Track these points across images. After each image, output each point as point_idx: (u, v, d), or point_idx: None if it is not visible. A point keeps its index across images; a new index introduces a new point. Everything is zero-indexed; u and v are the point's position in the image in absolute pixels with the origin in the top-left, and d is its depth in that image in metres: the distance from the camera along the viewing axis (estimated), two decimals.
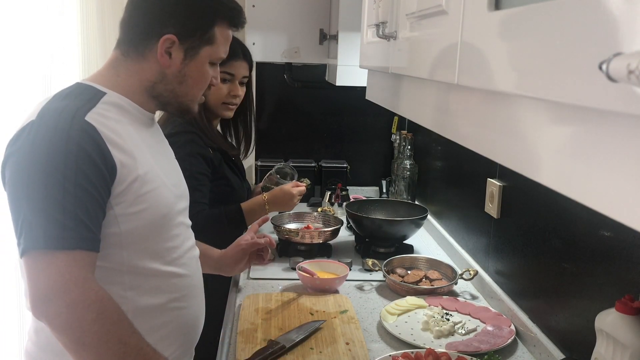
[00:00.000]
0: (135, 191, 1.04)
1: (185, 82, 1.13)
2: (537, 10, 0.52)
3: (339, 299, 1.61)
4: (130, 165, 1.03)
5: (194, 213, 1.70)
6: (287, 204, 1.92)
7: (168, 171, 1.19)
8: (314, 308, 1.53)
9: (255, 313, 1.49)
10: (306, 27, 2.62)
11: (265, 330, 1.40)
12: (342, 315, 1.50)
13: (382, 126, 2.79)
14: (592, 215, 1.14)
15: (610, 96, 0.40)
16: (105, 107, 1.05)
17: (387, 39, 1.22)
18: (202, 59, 1.13)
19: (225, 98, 1.83)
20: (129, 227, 1.04)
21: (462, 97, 0.80)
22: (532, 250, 1.43)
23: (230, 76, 1.82)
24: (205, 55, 1.13)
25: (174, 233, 1.15)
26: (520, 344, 1.40)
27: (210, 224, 1.73)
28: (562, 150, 0.51)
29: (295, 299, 1.59)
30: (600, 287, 1.13)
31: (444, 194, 2.25)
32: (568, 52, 0.46)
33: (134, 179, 1.03)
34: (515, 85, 0.57)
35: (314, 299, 1.59)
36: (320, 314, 1.51)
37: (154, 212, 1.08)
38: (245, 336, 1.37)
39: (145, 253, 1.09)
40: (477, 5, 0.68)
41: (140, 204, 1.05)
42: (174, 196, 1.16)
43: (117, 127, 1.04)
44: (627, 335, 0.89)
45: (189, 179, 1.74)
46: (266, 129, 2.78)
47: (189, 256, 1.21)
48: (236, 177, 1.90)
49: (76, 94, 1.06)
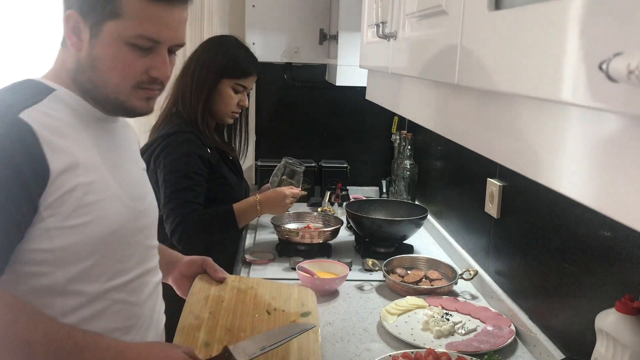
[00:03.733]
0: (75, 202, 0.91)
1: (97, 67, 0.96)
2: (537, 10, 0.52)
3: (304, 295, 1.34)
4: (69, 172, 0.90)
5: (186, 213, 1.71)
6: (279, 205, 1.90)
7: (129, 183, 1.04)
8: (272, 304, 1.26)
9: (204, 302, 1.22)
10: (306, 27, 2.62)
11: (210, 329, 1.14)
12: (303, 319, 1.24)
13: (382, 126, 2.79)
14: (592, 215, 1.14)
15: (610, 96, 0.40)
16: (54, 105, 0.94)
17: (387, 39, 1.22)
18: (108, 36, 0.93)
19: (234, 108, 1.85)
20: (64, 242, 0.91)
21: (462, 97, 0.80)
22: (532, 250, 1.43)
23: (242, 88, 1.85)
24: (112, 32, 0.93)
25: (124, 253, 1.01)
26: (520, 344, 1.40)
27: (201, 224, 1.73)
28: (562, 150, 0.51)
29: (253, 288, 1.31)
30: (600, 287, 1.13)
31: (444, 194, 2.25)
32: (568, 52, 0.46)
33: (72, 187, 0.90)
34: (515, 85, 0.57)
35: (275, 292, 1.32)
36: (278, 314, 1.24)
37: (99, 227, 0.94)
38: (185, 335, 1.12)
39: (84, 274, 0.94)
40: (477, 5, 0.68)
41: (80, 217, 0.92)
42: (130, 211, 1.01)
43: (63, 128, 0.93)
44: (627, 335, 0.89)
45: (184, 179, 1.75)
46: (266, 129, 2.78)
47: (142, 281, 1.05)
48: (234, 177, 1.91)
49: (20, 89, 0.95)
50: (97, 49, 0.94)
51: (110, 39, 0.93)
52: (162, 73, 0.98)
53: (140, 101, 1.00)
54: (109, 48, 0.94)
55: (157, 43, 0.96)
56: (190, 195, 1.73)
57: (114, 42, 0.93)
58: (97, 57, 0.95)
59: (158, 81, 0.99)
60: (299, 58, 2.67)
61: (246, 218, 1.85)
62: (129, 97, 0.98)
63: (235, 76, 1.82)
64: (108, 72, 0.95)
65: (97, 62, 0.95)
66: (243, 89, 1.86)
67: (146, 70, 0.97)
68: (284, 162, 2.07)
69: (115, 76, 0.96)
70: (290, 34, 2.64)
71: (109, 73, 0.95)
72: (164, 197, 1.72)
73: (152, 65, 0.97)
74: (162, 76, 0.99)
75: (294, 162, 2.07)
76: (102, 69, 0.95)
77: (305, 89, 2.76)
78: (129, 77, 0.96)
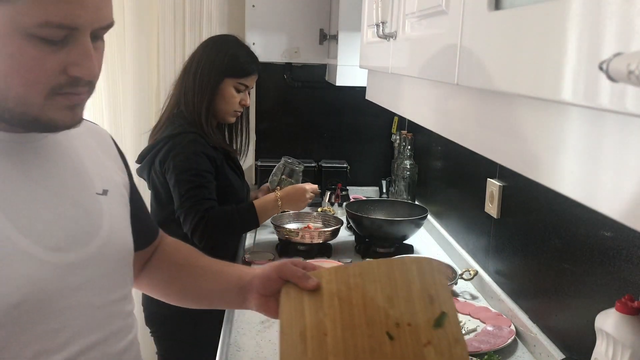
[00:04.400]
0: None
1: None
2: (538, 10, 0.52)
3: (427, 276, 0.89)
4: None
5: (206, 209, 1.72)
6: (300, 200, 1.93)
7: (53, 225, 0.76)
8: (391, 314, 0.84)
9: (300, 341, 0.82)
10: (306, 27, 2.62)
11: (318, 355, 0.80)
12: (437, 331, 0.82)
13: (382, 126, 2.79)
14: (592, 215, 1.14)
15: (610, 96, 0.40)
16: None
17: (387, 39, 1.22)
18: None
19: (236, 107, 1.86)
20: None
21: (462, 97, 0.80)
22: (532, 250, 1.43)
23: (244, 87, 1.86)
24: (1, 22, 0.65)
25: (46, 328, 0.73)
26: (520, 344, 1.40)
27: (223, 221, 1.74)
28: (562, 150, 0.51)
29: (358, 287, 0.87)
30: (600, 287, 1.13)
31: (444, 194, 2.25)
32: (568, 52, 0.46)
33: None
34: (515, 85, 0.57)
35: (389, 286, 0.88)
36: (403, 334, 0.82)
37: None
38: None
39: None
40: (477, 5, 0.68)
41: None
42: (48, 269, 0.73)
43: None
44: (627, 335, 0.89)
45: (196, 177, 1.75)
46: (266, 129, 2.78)
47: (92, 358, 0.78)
48: (237, 177, 1.91)
49: None
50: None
51: (2, 31, 0.66)
52: (86, 70, 0.71)
53: (60, 111, 0.72)
54: (2, 44, 0.66)
55: (73, 30, 0.68)
56: (205, 192, 1.73)
57: (7, 35, 0.66)
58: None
59: (83, 81, 0.71)
60: (299, 58, 2.67)
61: (267, 214, 1.87)
62: (42, 109, 0.70)
63: (237, 75, 1.83)
64: (6, 78, 0.68)
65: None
66: (245, 88, 1.87)
67: (63, 68, 0.69)
68: (283, 161, 2.08)
69: (18, 83, 0.68)
70: (290, 34, 2.64)
71: (8, 79, 0.68)
72: (179, 197, 1.72)
73: (71, 60, 0.70)
74: (88, 73, 0.71)
75: (293, 161, 2.08)
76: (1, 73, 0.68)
77: (305, 89, 2.75)
78: (38, 82, 0.68)
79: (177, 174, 1.72)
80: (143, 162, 1.85)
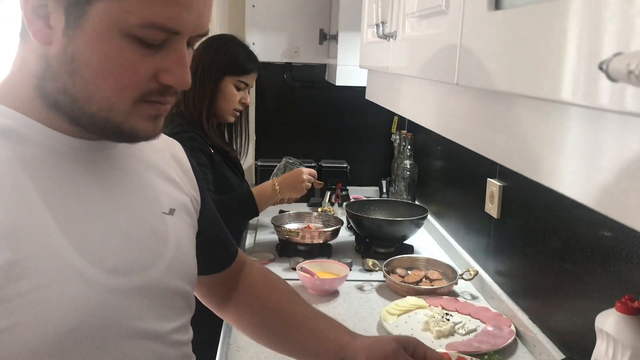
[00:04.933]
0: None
1: (77, 71, 0.62)
2: (538, 10, 0.52)
3: None
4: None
5: None
6: (297, 184, 1.90)
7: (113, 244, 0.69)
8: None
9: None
10: (306, 27, 2.62)
11: None
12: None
13: (382, 126, 2.79)
14: (592, 215, 1.14)
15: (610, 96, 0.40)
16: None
17: (387, 39, 1.22)
18: (98, 24, 0.61)
19: (237, 105, 1.86)
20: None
21: (462, 97, 0.80)
22: (532, 250, 1.43)
23: (245, 85, 1.87)
24: (104, 18, 0.60)
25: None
26: (520, 344, 1.40)
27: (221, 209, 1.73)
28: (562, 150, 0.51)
29: None
30: (600, 287, 1.13)
31: (444, 194, 2.25)
32: (568, 52, 0.46)
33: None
34: (515, 85, 0.57)
35: None
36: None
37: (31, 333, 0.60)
38: None
39: None
40: (477, 5, 0.68)
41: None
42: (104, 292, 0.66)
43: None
44: (627, 336, 0.89)
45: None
46: (266, 129, 2.78)
47: None
48: (235, 177, 1.91)
49: None
50: (78, 43, 0.62)
51: (101, 28, 0.61)
52: (179, 78, 0.66)
53: (143, 121, 0.67)
54: (99, 42, 0.61)
55: (174, 34, 0.64)
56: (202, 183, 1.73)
57: (107, 33, 0.61)
58: (79, 56, 0.62)
59: (172, 90, 0.67)
60: (299, 58, 2.67)
61: (265, 202, 1.85)
62: (127, 116, 0.65)
63: (237, 73, 1.84)
64: (96, 79, 0.63)
65: (79, 63, 0.62)
66: (245, 86, 1.87)
67: (154, 74, 0.65)
68: (284, 161, 2.08)
69: (108, 86, 0.63)
70: (290, 34, 2.64)
71: (98, 81, 0.63)
72: None
73: (164, 67, 0.65)
74: (180, 82, 0.66)
75: (294, 161, 2.08)
76: (87, 74, 0.62)
77: (305, 89, 2.76)
78: (129, 87, 0.64)
79: None
80: None
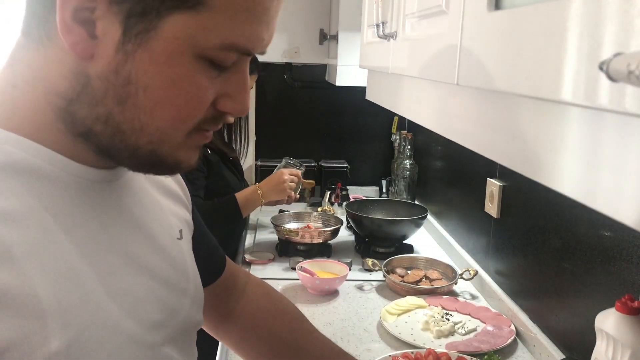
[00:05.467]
0: None
1: (132, 98, 0.50)
2: (538, 10, 0.52)
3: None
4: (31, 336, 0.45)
5: None
6: (279, 184, 1.89)
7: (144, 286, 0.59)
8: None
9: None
10: (306, 27, 2.62)
11: None
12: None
13: (382, 126, 2.79)
14: (592, 215, 1.14)
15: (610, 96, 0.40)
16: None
17: (387, 39, 1.22)
18: (171, 42, 0.49)
19: None
20: None
21: (462, 97, 0.80)
22: (532, 250, 1.43)
23: None
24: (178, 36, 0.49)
25: None
26: (520, 344, 1.40)
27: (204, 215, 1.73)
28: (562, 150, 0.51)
29: None
30: (600, 287, 1.13)
31: (444, 194, 2.25)
32: (568, 52, 0.46)
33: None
34: (515, 85, 0.57)
35: None
36: None
37: None
38: None
39: None
40: (477, 5, 0.68)
41: None
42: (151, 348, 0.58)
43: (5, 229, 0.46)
44: (627, 335, 0.89)
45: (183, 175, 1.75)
46: (266, 129, 2.78)
47: None
48: (234, 178, 1.91)
49: None
50: (138, 62, 0.49)
51: (173, 47, 0.49)
52: (239, 104, 0.55)
53: (189, 152, 0.56)
54: (167, 64, 0.50)
55: (246, 55, 0.54)
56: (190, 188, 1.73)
57: (179, 53, 0.50)
58: (137, 80, 0.49)
59: (226, 117, 0.57)
60: (299, 58, 2.67)
61: (249, 206, 1.84)
62: (177, 149, 0.54)
63: None
64: (155, 108, 0.51)
65: (135, 88, 0.50)
66: None
67: (214, 100, 0.54)
68: (284, 162, 2.08)
69: (167, 116, 0.51)
70: (290, 34, 2.64)
71: (157, 110, 0.51)
72: None
73: (226, 91, 0.54)
74: (240, 109, 0.56)
75: (294, 162, 2.08)
76: (144, 102, 0.50)
77: (305, 89, 2.76)
78: (191, 116, 0.53)
79: None
80: None
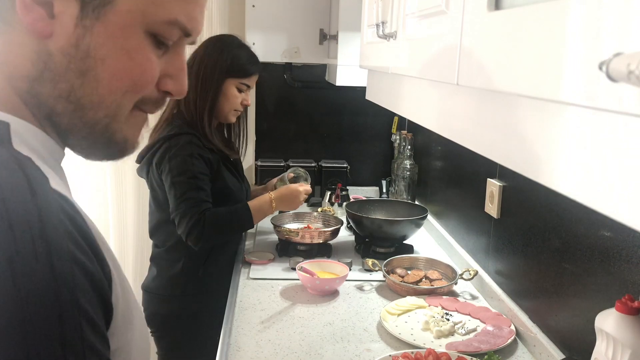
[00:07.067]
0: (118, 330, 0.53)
1: (91, 70, 0.54)
2: (538, 10, 0.52)
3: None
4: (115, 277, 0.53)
5: (202, 211, 1.72)
6: (293, 202, 1.94)
7: None
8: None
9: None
10: (306, 27, 2.62)
11: None
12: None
13: (382, 126, 2.79)
14: (592, 215, 1.14)
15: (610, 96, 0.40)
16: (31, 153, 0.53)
17: (387, 39, 1.22)
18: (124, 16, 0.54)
19: (237, 106, 1.87)
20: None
21: (462, 97, 0.80)
22: (532, 250, 1.43)
23: (246, 87, 1.88)
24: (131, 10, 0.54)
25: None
26: (520, 344, 1.40)
27: (218, 222, 1.75)
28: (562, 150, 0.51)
29: None
30: (600, 287, 1.13)
31: (444, 194, 2.25)
32: (568, 52, 0.46)
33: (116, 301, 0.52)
34: (515, 85, 0.57)
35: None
36: None
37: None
38: None
39: None
40: (477, 5, 0.68)
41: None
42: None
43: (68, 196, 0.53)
44: (627, 335, 0.89)
45: (193, 179, 1.76)
46: (266, 129, 2.78)
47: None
48: (234, 179, 1.91)
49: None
50: (96, 36, 0.53)
51: (126, 21, 0.54)
52: (179, 85, 0.61)
53: (134, 129, 0.60)
54: (122, 37, 0.54)
55: (185, 36, 0.59)
56: (202, 194, 1.74)
57: (131, 26, 0.54)
58: (95, 53, 0.53)
59: (165, 100, 0.61)
60: (299, 58, 2.67)
61: (261, 216, 1.88)
62: (124, 124, 0.58)
63: (239, 75, 1.84)
64: (112, 79, 0.54)
65: (94, 61, 0.53)
66: (247, 88, 1.88)
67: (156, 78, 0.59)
68: (293, 172, 2.15)
69: (122, 87, 0.55)
70: (290, 34, 2.64)
71: (113, 82, 0.55)
72: (175, 199, 1.72)
73: (168, 72, 0.59)
74: (180, 90, 0.61)
75: (304, 173, 2.14)
76: (103, 74, 0.54)
77: (305, 89, 2.75)
78: (140, 88, 0.57)
79: (172, 176, 1.72)
80: (142, 162, 1.85)
